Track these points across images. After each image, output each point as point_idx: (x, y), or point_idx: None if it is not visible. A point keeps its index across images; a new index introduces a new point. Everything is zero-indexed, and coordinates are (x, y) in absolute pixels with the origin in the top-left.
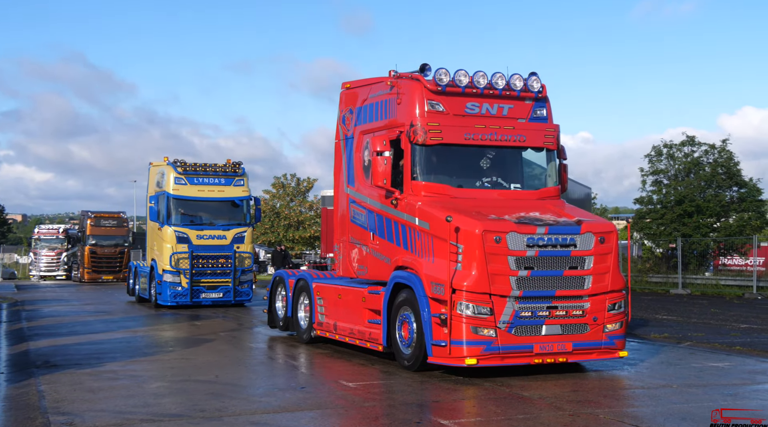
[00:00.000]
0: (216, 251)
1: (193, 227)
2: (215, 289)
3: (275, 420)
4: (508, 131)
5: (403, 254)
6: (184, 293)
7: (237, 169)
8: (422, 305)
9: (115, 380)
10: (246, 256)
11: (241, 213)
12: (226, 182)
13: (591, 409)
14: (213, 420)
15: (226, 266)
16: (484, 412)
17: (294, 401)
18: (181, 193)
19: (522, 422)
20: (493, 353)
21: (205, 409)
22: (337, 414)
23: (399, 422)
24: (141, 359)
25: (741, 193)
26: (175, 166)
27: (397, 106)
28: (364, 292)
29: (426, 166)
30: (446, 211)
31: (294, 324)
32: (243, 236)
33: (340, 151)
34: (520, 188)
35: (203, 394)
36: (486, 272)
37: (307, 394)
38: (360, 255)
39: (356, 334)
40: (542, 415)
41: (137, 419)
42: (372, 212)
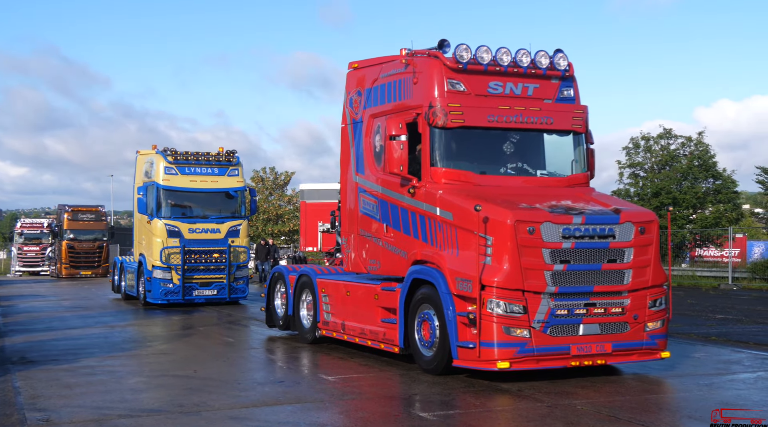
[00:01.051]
0: (209, 246)
1: (184, 219)
2: (209, 286)
3: (254, 414)
4: (534, 113)
5: (422, 247)
6: (175, 291)
7: (231, 158)
8: (446, 303)
9: (92, 376)
10: (241, 250)
11: (235, 205)
12: (220, 172)
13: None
14: (191, 415)
15: (220, 261)
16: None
17: (273, 394)
18: (171, 183)
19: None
20: (527, 355)
21: (183, 404)
22: (317, 408)
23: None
24: (119, 355)
25: (717, 185)
26: (165, 154)
27: (413, 86)
28: (376, 289)
29: (446, 151)
30: (471, 199)
31: (295, 323)
32: (238, 230)
33: (347, 136)
34: (547, 175)
35: (182, 389)
36: (519, 266)
37: (286, 388)
38: (371, 249)
39: (368, 334)
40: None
41: (115, 415)
42: (385, 202)
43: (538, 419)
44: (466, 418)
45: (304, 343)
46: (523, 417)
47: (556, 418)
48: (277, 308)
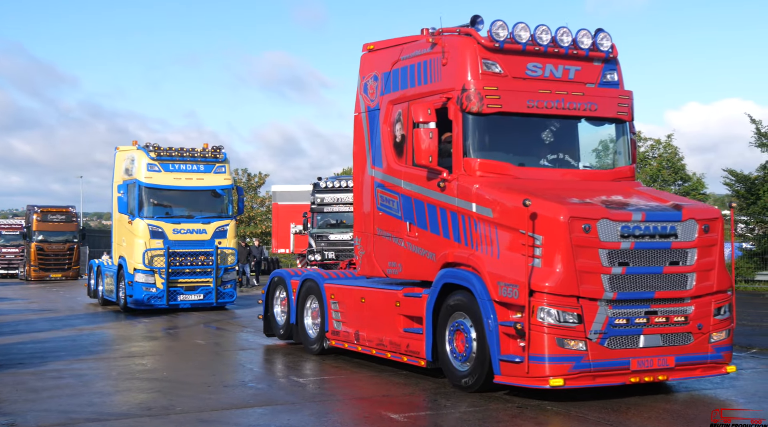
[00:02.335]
0: (195, 247)
1: (168, 219)
2: (195, 290)
3: (224, 417)
4: (577, 98)
5: (454, 248)
6: (159, 295)
7: (218, 154)
8: (486, 311)
9: (59, 380)
10: (229, 252)
11: (222, 204)
12: (206, 169)
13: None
14: (160, 418)
15: (206, 263)
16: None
17: (243, 397)
18: (154, 181)
19: None
20: (582, 371)
21: (151, 407)
22: (287, 410)
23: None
24: (87, 358)
25: (685, 187)
26: (147, 150)
27: (442, 68)
28: (397, 294)
29: (481, 140)
30: (514, 193)
31: (299, 333)
32: (225, 230)
33: (362, 126)
34: (590, 167)
35: (150, 392)
36: (573, 269)
37: (257, 391)
38: (391, 250)
39: (387, 345)
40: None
41: (82, 419)
42: (408, 198)
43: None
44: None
45: (310, 354)
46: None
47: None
48: (277, 316)
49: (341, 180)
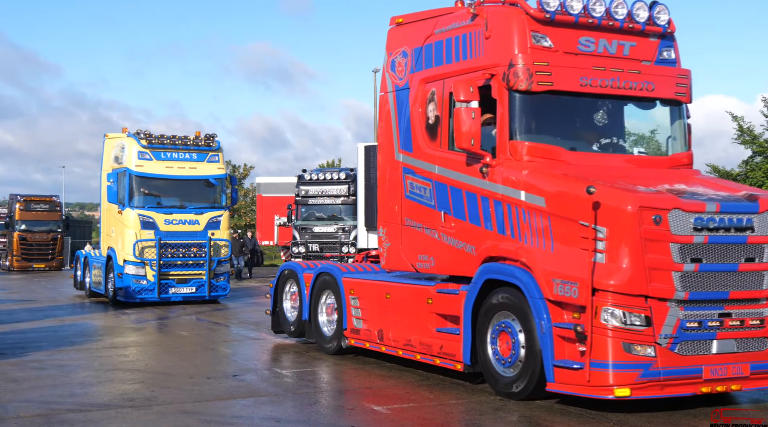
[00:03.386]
0: (187, 238)
1: (160, 209)
2: (187, 282)
3: (207, 409)
4: (633, 77)
5: (498, 241)
6: (150, 288)
7: (211, 143)
8: (537, 311)
9: (40, 370)
10: (222, 244)
11: (215, 194)
12: (199, 158)
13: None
14: (142, 409)
15: (199, 255)
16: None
17: (226, 389)
18: (145, 170)
19: None
20: (651, 380)
21: (134, 398)
22: (270, 401)
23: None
24: (68, 349)
25: None
26: (137, 138)
27: (484, 42)
28: (429, 291)
29: (530, 122)
30: (573, 180)
31: (313, 330)
32: (219, 221)
33: (388, 106)
34: (644, 153)
35: (133, 383)
36: (642, 265)
37: (240, 383)
38: (422, 242)
39: (416, 346)
40: None
41: (63, 410)
42: (443, 185)
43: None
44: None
45: (326, 353)
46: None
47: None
48: (287, 312)
49: (326, 172)
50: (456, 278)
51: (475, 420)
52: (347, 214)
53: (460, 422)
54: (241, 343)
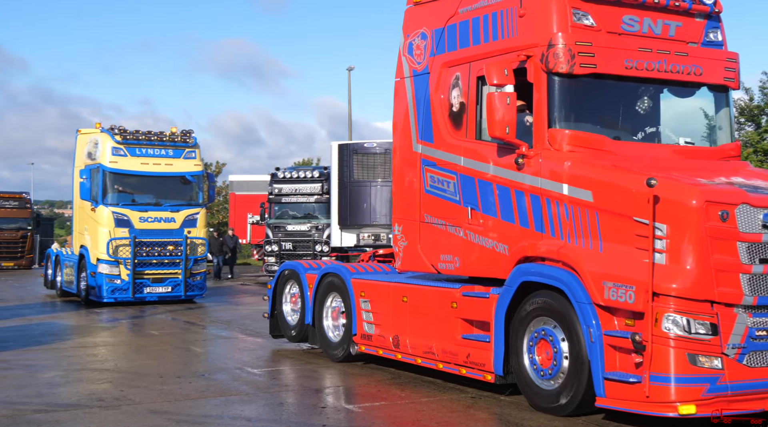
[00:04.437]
0: (163, 237)
1: (135, 207)
2: (162, 282)
3: (176, 408)
4: (680, 60)
5: (536, 239)
6: (124, 287)
7: (188, 139)
8: (585, 317)
9: (6, 370)
10: (199, 242)
11: (192, 191)
12: (175, 154)
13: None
14: (111, 409)
15: (175, 254)
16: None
17: (197, 388)
18: (120, 166)
19: None
20: (718, 395)
21: (103, 398)
22: (241, 400)
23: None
24: (36, 348)
25: None
26: (112, 133)
27: (518, 21)
28: (454, 293)
29: (571, 108)
30: (625, 172)
31: (317, 336)
32: (195, 219)
33: (405, 93)
34: (692, 143)
35: (101, 383)
36: (708, 266)
37: (211, 382)
38: (444, 240)
39: (438, 354)
40: None
41: (29, 410)
42: (470, 178)
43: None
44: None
45: (333, 361)
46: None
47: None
48: (287, 315)
49: (299, 170)
50: (481, 279)
51: (446, 418)
52: (321, 212)
53: (431, 420)
54: (213, 342)
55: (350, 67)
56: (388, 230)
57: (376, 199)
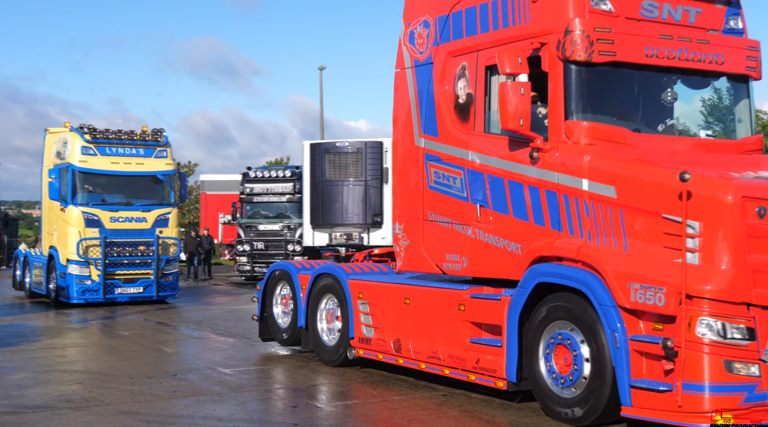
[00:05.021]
0: (134, 237)
1: (105, 207)
2: (134, 282)
3: (147, 408)
4: (701, 48)
5: (553, 237)
6: (95, 288)
7: (159, 138)
8: (609, 321)
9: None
10: (171, 242)
11: (164, 191)
12: (147, 153)
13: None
14: (80, 410)
15: (147, 254)
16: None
17: (168, 389)
18: (90, 165)
19: None
20: (756, 404)
21: (72, 400)
22: (212, 400)
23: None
24: (3, 350)
25: None
26: (81, 132)
27: (530, 6)
28: (462, 295)
29: (590, 98)
30: (653, 166)
31: (310, 339)
32: (167, 219)
33: (406, 85)
34: (713, 136)
35: (71, 384)
36: (745, 266)
37: (182, 382)
38: (450, 239)
39: (444, 359)
40: None
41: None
42: (479, 174)
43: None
44: None
45: (329, 365)
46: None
47: None
48: (278, 317)
49: (271, 170)
50: (488, 280)
51: (418, 416)
52: (293, 212)
53: (403, 418)
54: (185, 342)
55: (322, 67)
56: (360, 230)
57: (348, 199)
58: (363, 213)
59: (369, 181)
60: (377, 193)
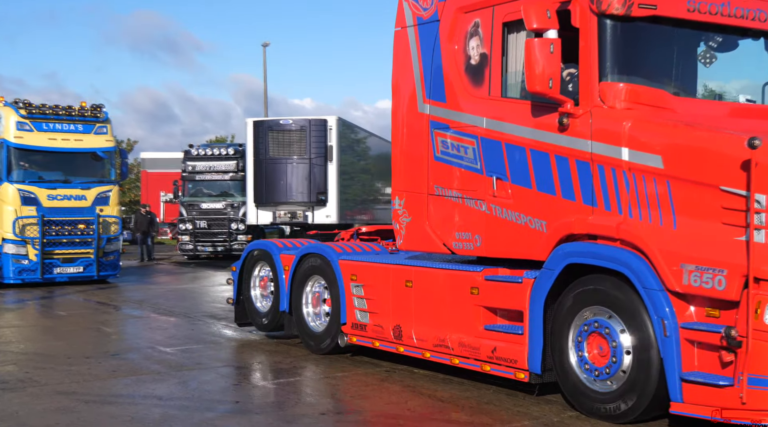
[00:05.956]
0: (74, 215)
1: (42, 184)
2: (73, 262)
3: (85, 388)
4: (744, 3)
5: (585, 213)
6: (32, 268)
7: (98, 113)
8: (656, 306)
9: None
10: (112, 221)
11: (104, 168)
12: (86, 129)
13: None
14: (15, 391)
15: (86, 233)
16: None
17: (106, 368)
18: (25, 142)
19: None
20: None
21: (6, 381)
22: (152, 379)
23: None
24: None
25: None
26: (16, 107)
27: None
28: (475, 278)
29: (628, 57)
30: (707, 131)
31: (295, 325)
32: (107, 196)
33: (407, 45)
34: (753, 101)
35: (5, 365)
36: None
37: (121, 362)
38: (461, 216)
39: (454, 348)
40: None
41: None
42: (496, 143)
43: None
44: None
45: (317, 354)
46: None
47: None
48: (256, 301)
49: (213, 148)
50: (512, 261)
51: (361, 391)
52: (236, 190)
53: (345, 393)
54: (125, 322)
55: (266, 44)
56: (304, 208)
57: (293, 177)
58: (307, 191)
59: (313, 159)
60: (321, 171)
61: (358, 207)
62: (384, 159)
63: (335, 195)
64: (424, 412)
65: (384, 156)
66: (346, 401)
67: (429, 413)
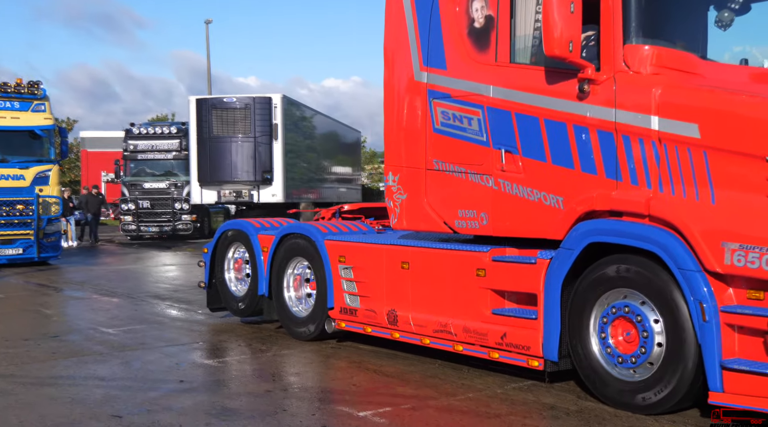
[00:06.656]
0: (12, 195)
1: None
2: (12, 243)
3: (24, 371)
4: None
5: (609, 188)
6: None
7: (36, 91)
8: (694, 289)
9: None
10: (52, 201)
11: (43, 147)
12: (22, 107)
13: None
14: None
15: (26, 213)
16: None
17: (46, 350)
18: None
19: None
20: None
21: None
22: (95, 361)
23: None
24: None
25: None
26: None
27: None
28: (481, 258)
29: (655, 18)
30: (748, 97)
31: (276, 309)
32: (47, 176)
33: (401, 7)
34: None
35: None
36: None
37: (61, 343)
38: (465, 192)
39: (457, 334)
40: None
41: None
42: (505, 113)
43: None
44: None
45: (301, 340)
46: None
47: None
48: (230, 284)
49: (156, 126)
50: (522, 240)
51: (306, 368)
52: (179, 169)
53: (291, 370)
54: (66, 303)
55: (208, 20)
56: (250, 187)
57: (237, 156)
58: (253, 170)
59: (258, 137)
60: (267, 149)
61: (305, 186)
62: (331, 137)
63: (281, 174)
64: (369, 387)
65: (331, 135)
66: (291, 378)
67: (374, 387)
